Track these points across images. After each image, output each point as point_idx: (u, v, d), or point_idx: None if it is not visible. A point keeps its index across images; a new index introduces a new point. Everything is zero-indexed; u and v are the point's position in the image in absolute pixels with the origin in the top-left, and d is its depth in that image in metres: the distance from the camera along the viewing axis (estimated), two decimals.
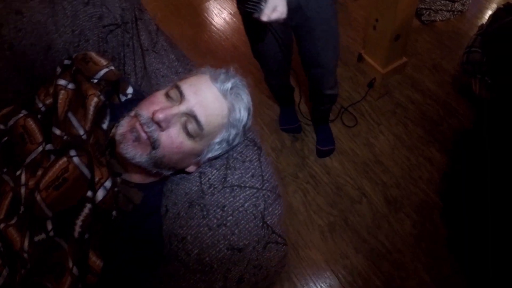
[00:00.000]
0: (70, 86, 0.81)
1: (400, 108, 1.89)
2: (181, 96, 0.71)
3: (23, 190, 0.71)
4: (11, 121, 0.79)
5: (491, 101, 1.50)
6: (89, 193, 0.69)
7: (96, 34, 0.92)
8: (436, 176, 1.65)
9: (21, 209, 0.70)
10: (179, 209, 0.77)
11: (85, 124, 0.74)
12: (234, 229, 0.74)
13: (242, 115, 0.77)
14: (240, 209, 0.75)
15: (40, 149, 0.75)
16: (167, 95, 0.73)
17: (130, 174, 0.77)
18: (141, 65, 0.98)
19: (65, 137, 0.74)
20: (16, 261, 0.67)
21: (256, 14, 0.89)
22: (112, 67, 0.85)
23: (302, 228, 1.59)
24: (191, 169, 0.79)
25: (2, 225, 0.68)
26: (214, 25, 2.44)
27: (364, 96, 1.94)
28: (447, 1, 2.23)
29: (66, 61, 0.85)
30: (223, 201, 0.76)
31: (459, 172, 1.57)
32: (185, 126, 0.70)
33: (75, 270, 0.65)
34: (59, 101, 0.78)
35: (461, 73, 1.79)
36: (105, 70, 0.83)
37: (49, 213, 0.67)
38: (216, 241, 0.73)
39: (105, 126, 0.77)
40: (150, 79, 0.97)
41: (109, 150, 0.76)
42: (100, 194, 0.67)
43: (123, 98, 0.87)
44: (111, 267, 0.68)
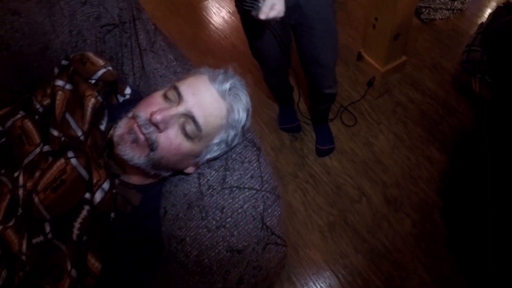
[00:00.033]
0: (68, 86, 0.81)
1: (399, 107, 1.89)
2: (179, 97, 0.70)
3: (21, 192, 0.71)
4: (9, 122, 0.79)
5: (491, 100, 1.49)
6: (87, 195, 0.69)
7: (93, 34, 0.91)
8: (436, 175, 1.65)
9: (19, 211, 0.70)
10: (178, 210, 0.77)
11: (82, 125, 0.74)
12: (233, 230, 0.73)
13: (241, 115, 0.77)
14: (239, 211, 0.75)
15: (38, 150, 0.75)
16: (165, 96, 0.72)
17: (129, 176, 0.76)
18: (139, 65, 0.98)
19: (62, 138, 0.73)
20: (14, 263, 0.66)
21: (254, 12, 0.89)
22: (110, 68, 0.84)
23: (302, 227, 1.58)
24: (189, 170, 0.79)
25: (0, 227, 0.68)
26: (213, 24, 2.43)
27: (363, 95, 1.94)
28: None
29: (64, 62, 0.84)
30: (222, 202, 0.75)
31: (459, 171, 1.57)
32: (183, 128, 0.70)
33: (73, 272, 0.64)
34: (57, 102, 0.77)
35: (461, 72, 1.78)
36: (103, 70, 0.82)
37: (47, 215, 0.67)
38: (215, 243, 0.73)
39: (103, 127, 0.76)
40: (148, 79, 0.97)
41: (107, 152, 0.75)
42: (98, 196, 0.67)
43: (121, 98, 0.87)
44: (109, 269, 0.68)
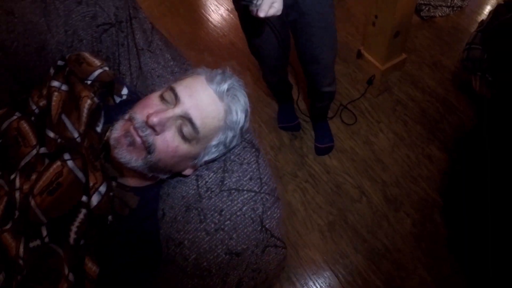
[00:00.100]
0: (64, 87, 0.80)
1: (399, 106, 1.87)
2: (176, 98, 0.69)
3: (17, 195, 0.70)
4: (5, 123, 0.78)
5: (491, 98, 1.48)
6: (84, 198, 0.68)
7: (89, 34, 0.90)
8: (436, 174, 1.64)
9: (16, 214, 0.69)
10: (176, 213, 0.76)
11: (79, 127, 0.73)
12: (232, 233, 0.72)
13: (239, 117, 0.75)
14: (238, 213, 0.74)
15: (34, 152, 0.74)
16: (162, 97, 0.71)
17: (126, 178, 0.75)
18: (136, 65, 0.96)
19: (59, 140, 0.73)
20: (12, 267, 0.66)
21: (252, 6, 0.88)
22: (106, 68, 0.83)
23: (302, 227, 1.58)
24: (187, 172, 0.78)
25: None
26: (211, 22, 2.42)
27: (363, 93, 1.93)
28: None
29: (60, 62, 0.83)
30: (220, 205, 0.74)
31: (459, 170, 1.56)
32: (180, 130, 0.69)
33: (71, 276, 0.64)
34: (53, 103, 0.76)
35: (461, 70, 1.77)
36: (99, 71, 0.81)
37: (43, 219, 0.66)
38: (214, 246, 0.72)
39: (99, 129, 0.75)
40: (145, 79, 0.96)
41: (103, 154, 0.74)
42: (95, 200, 0.66)
43: (117, 99, 0.86)
44: (107, 272, 0.67)
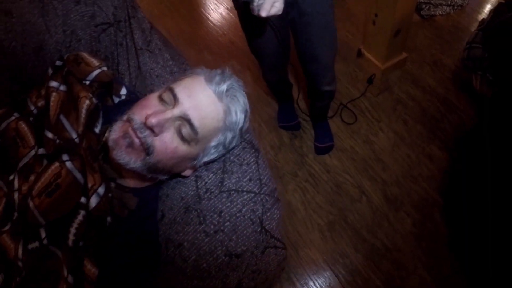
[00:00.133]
0: (62, 88, 0.79)
1: (400, 105, 1.87)
2: (175, 99, 0.69)
3: (16, 196, 0.70)
4: (3, 124, 0.78)
5: (492, 97, 1.48)
6: (82, 199, 0.68)
7: (88, 33, 0.89)
8: (437, 173, 1.64)
9: (15, 215, 0.69)
10: (175, 214, 0.76)
11: (77, 127, 0.73)
12: (231, 235, 0.72)
13: (238, 117, 0.75)
14: (238, 215, 0.73)
15: (33, 153, 0.74)
16: (161, 98, 0.70)
17: (125, 179, 0.75)
18: (135, 65, 0.96)
19: (57, 140, 0.72)
20: (11, 268, 0.65)
21: (253, 5, 0.88)
22: (105, 68, 0.83)
23: (302, 227, 1.57)
24: (187, 173, 0.78)
25: None
26: (211, 21, 2.41)
27: (363, 93, 1.92)
28: None
29: (58, 62, 0.83)
30: (220, 206, 0.74)
31: (459, 169, 1.56)
32: (179, 131, 0.68)
33: (70, 278, 0.64)
34: (51, 103, 0.76)
35: (462, 69, 1.77)
36: (98, 71, 0.81)
37: (42, 220, 0.66)
38: (213, 248, 0.71)
39: (97, 129, 0.75)
40: (144, 79, 0.95)
41: (102, 155, 0.74)
42: (94, 201, 0.66)
43: (116, 99, 0.85)
44: (106, 273, 0.67)
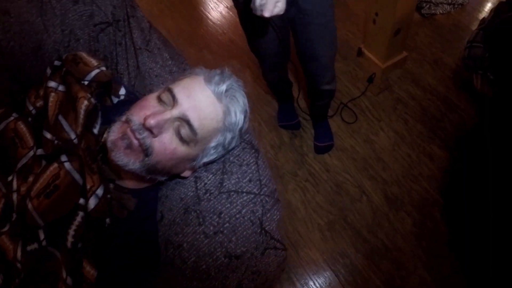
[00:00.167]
0: (61, 88, 0.79)
1: (400, 104, 1.86)
2: (174, 99, 0.68)
3: (15, 197, 0.69)
4: (2, 124, 0.78)
5: (493, 97, 1.47)
6: (81, 200, 0.67)
7: (86, 33, 0.88)
8: (437, 173, 1.63)
9: (14, 216, 0.68)
10: (175, 215, 0.75)
11: (76, 128, 0.72)
12: (231, 236, 0.72)
13: (238, 118, 0.74)
14: (237, 216, 0.73)
15: (31, 153, 0.74)
16: (159, 99, 0.70)
17: (124, 180, 0.75)
18: (134, 64, 0.95)
19: (55, 141, 0.72)
20: (10, 269, 0.65)
21: (254, 5, 0.87)
22: (104, 68, 0.82)
23: (302, 227, 1.57)
24: (186, 174, 0.77)
25: None
26: (211, 19, 2.40)
27: (364, 92, 1.91)
28: None
29: (56, 62, 0.82)
30: (219, 207, 0.73)
31: (460, 169, 1.55)
32: (178, 132, 0.68)
33: (69, 280, 0.64)
34: (50, 103, 0.75)
35: (462, 68, 1.76)
36: (96, 71, 0.80)
37: (41, 222, 0.66)
38: (213, 249, 0.71)
39: (96, 130, 0.74)
40: (143, 79, 0.94)
41: (101, 156, 0.73)
42: (92, 203, 0.66)
43: (115, 99, 0.85)
44: (105, 275, 0.66)
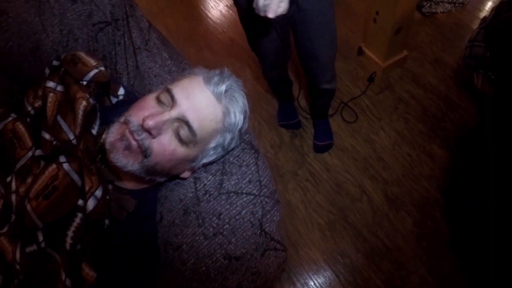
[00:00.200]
0: (59, 88, 0.78)
1: (401, 103, 1.85)
2: (173, 100, 0.68)
3: (13, 198, 0.69)
4: (0, 125, 0.77)
5: (494, 96, 1.46)
6: (80, 201, 0.67)
7: (85, 32, 0.88)
8: (438, 173, 1.63)
9: (12, 217, 0.68)
10: (174, 216, 0.75)
11: (74, 129, 0.72)
12: (231, 237, 0.71)
13: (237, 119, 0.74)
14: (237, 217, 0.72)
15: (30, 154, 0.73)
16: (158, 99, 0.69)
17: (123, 181, 0.74)
18: (133, 64, 0.94)
19: (54, 142, 0.71)
20: (9, 271, 0.65)
21: (257, 5, 0.86)
22: (102, 68, 0.81)
23: (302, 226, 1.57)
24: (185, 175, 0.77)
25: None
26: (211, 18, 2.39)
27: (364, 91, 1.91)
28: None
29: (55, 62, 0.82)
30: (219, 208, 0.73)
31: (461, 168, 1.55)
32: (177, 133, 0.67)
33: (68, 282, 0.63)
34: (48, 104, 0.75)
35: (463, 67, 1.75)
36: (95, 71, 0.79)
37: (39, 223, 0.65)
38: (212, 251, 0.71)
39: (94, 131, 0.73)
40: (143, 78, 0.94)
41: (100, 157, 0.73)
42: (91, 204, 0.65)
43: (114, 100, 0.84)
44: (104, 276, 0.66)
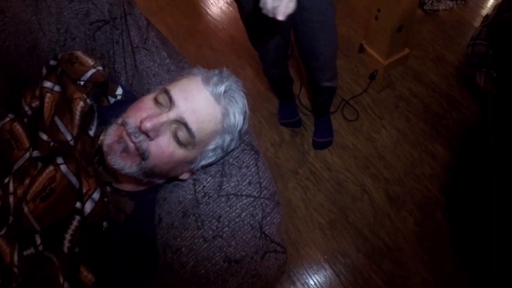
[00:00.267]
0: (56, 88, 0.77)
1: (402, 102, 1.84)
2: (171, 101, 0.66)
3: (11, 199, 0.68)
4: None
5: (496, 95, 1.45)
6: (77, 204, 0.66)
7: (83, 31, 0.87)
8: (439, 172, 1.61)
9: (10, 219, 0.67)
10: (173, 218, 0.74)
11: (72, 129, 0.71)
12: (230, 240, 0.70)
13: (237, 119, 0.72)
14: (237, 220, 0.71)
15: (28, 155, 0.72)
16: (156, 100, 0.68)
17: (121, 183, 0.73)
18: (131, 63, 0.93)
19: (51, 143, 0.70)
20: (7, 274, 0.64)
21: (265, 7, 0.85)
22: (100, 67, 0.80)
23: (302, 225, 1.56)
24: (184, 176, 0.76)
25: None
26: (211, 15, 2.37)
27: (365, 89, 1.89)
28: None
29: (52, 62, 0.80)
30: (218, 211, 0.72)
31: (463, 167, 1.54)
32: (175, 134, 0.66)
33: (66, 285, 0.62)
34: (45, 104, 0.74)
35: (465, 65, 1.74)
36: (92, 71, 0.78)
37: (37, 226, 0.64)
38: (212, 254, 0.70)
39: (91, 132, 0.72)
40: (141, 78, 0.93)
41: (97, 158, 0.72)
42: (88, 207, 0.64)
43: (112, 100, 0.83)
44: (103, 279, 0.65)
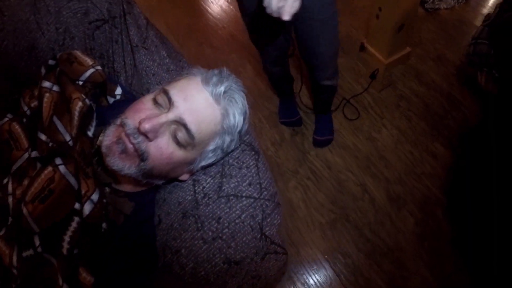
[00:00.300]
0: (55, 88, 0.76)
1: (403, 101, 1.83)
2: (170, 102, 0.66)
3: (10, 200, 0.68)
4: None
5: (497, 95, 1.44)
6: (76, 205, 0.65)
7: (82, 31, 0.86)
8: (440, 171, 1.61)
9: (9, 220, 0.67)
10: (173, 220, 0.73)
11: (71, 130, 0.70)
12: (230, 242, 0.70)
13: (237, 120, 0.72)
14: (237, 221, 0.71)
15: (26, 155, 0.72)
16: (155, 101, 0.67)
17: (120, 184, 0.73)
18: (131, 63, 0.93)
19: (50, 143, 0.70)
20: (6, 275, 0.64)
21: (270, 8, 0.85)
22: (99, 67, 0.80)
23: (302, 225, 1.55)
24: (184, 177, 0.75)
25: None
26: (211, 13, 2.37)
27: (366, 88, 1.88)
28: None
29: (51, 61, 0.80)
30: (218, 212, 0.71)
31: (463, 167, 1.53)
32: (174, 135, 0.66)
33: (65, 287, 0.62)
34: (44, 104, 0.73)
35: (466, 64, 1.73)
36: (91, 71, 0.78)
37: (36, 228, 0.64)
38: (211, 255, 0.69)
39: (90, 133, 0.72)
40: (141, 77, 0.92)
41: (96, 159, 0.71)
42: (87, 208, 0.64)
43: (111, 100, 0.82)
44: (102, 281, 0.65)
